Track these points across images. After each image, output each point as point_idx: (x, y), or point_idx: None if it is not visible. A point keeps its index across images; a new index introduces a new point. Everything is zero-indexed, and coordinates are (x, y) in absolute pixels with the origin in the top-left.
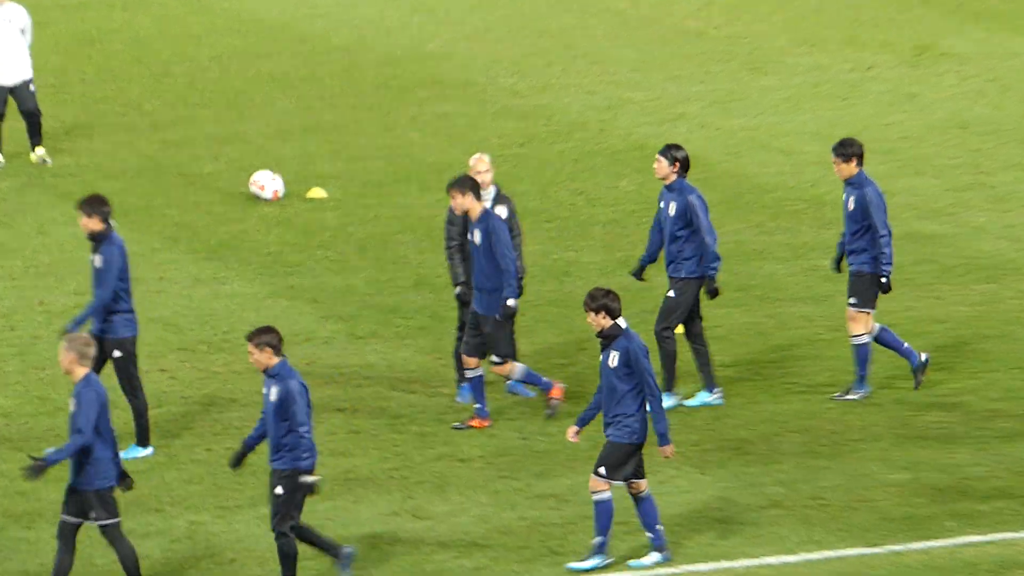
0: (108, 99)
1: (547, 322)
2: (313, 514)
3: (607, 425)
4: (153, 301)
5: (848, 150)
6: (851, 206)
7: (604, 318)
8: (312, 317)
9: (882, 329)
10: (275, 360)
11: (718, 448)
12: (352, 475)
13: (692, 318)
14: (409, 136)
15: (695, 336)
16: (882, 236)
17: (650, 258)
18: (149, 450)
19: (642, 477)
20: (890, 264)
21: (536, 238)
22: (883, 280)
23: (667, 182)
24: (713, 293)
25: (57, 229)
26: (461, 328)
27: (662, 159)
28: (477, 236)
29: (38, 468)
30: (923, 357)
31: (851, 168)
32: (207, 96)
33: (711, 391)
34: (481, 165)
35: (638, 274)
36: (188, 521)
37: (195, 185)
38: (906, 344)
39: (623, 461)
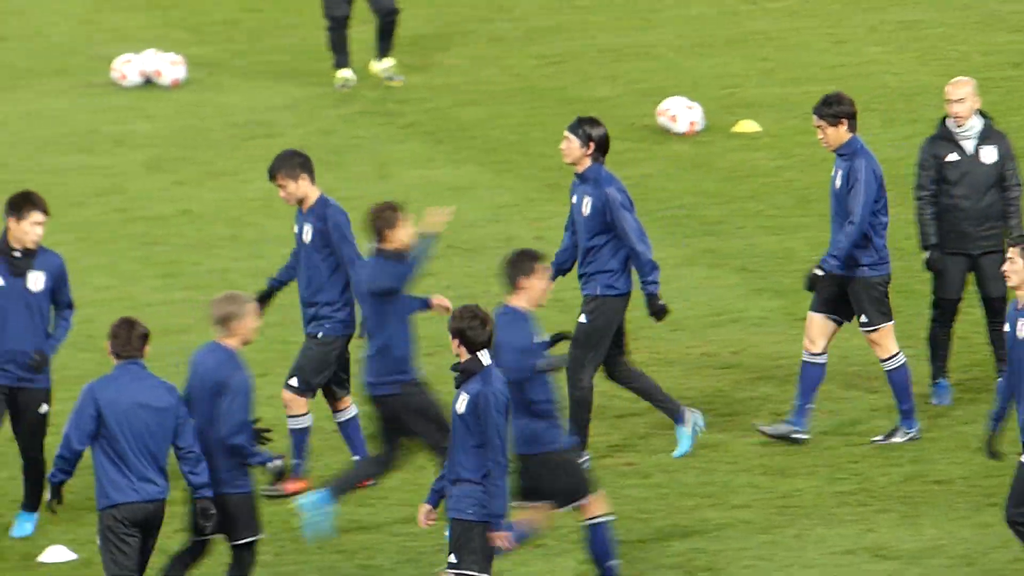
0: (468, 1)
1: None
2: (744, 552)
3: (446, 495)
4: None
5: (835, 109)
6: (838, 183)
7: (459, 347)
8: (740, 291)
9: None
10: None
11: None
12: (794, 501)
13: (614, 353)
14: (867, 52)
15: (623, 377)
16: (850, 223)
17: (558, 269)
18: None
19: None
20: (836, 259)
21: None
22: (815, 272)
23: (579, 169)
24: (659, 312)
25: (403, 172)
26: (936, 305)
27: (572, 137)
28: (307, 232)
29: None
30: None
31: (840, 134)
32: None
33: (682, 421)
34: (958, 91)
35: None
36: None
37: (583, 114)
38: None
39: (477, 545)
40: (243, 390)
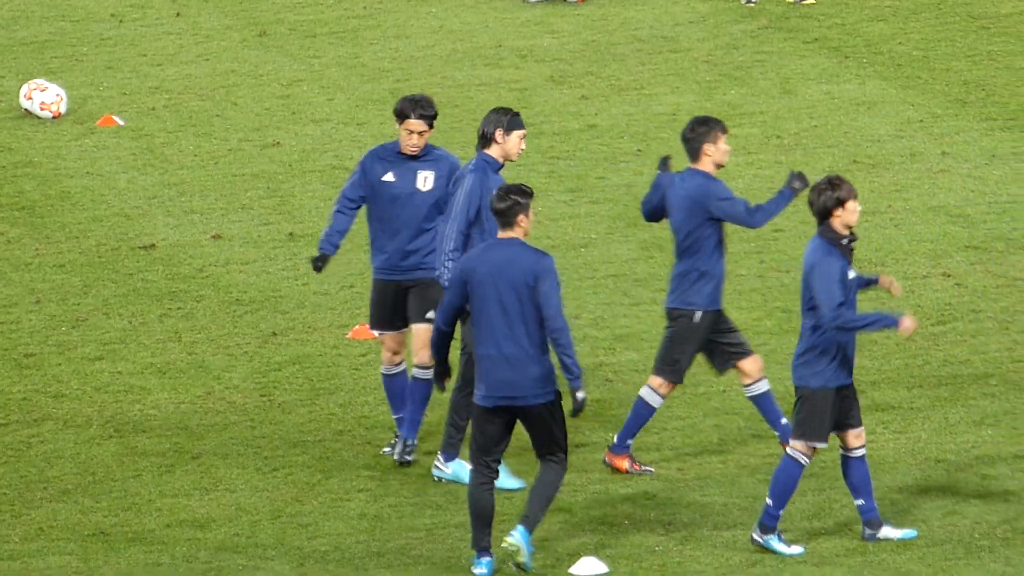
0: None
1: None
2: None
3: None
4: (935, 184)
5: (432, 111)
6: (429, 185)
7: None
8: None
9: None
10: None
11: None
12: None
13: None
14: None
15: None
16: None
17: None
18: None
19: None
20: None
21: None
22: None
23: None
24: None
25: (806, 88)
26: None
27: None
28: None
29: None
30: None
31: (428, 135)
32: None
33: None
34: None
35: None
36: None
37: (989, 31)
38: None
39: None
40: None
